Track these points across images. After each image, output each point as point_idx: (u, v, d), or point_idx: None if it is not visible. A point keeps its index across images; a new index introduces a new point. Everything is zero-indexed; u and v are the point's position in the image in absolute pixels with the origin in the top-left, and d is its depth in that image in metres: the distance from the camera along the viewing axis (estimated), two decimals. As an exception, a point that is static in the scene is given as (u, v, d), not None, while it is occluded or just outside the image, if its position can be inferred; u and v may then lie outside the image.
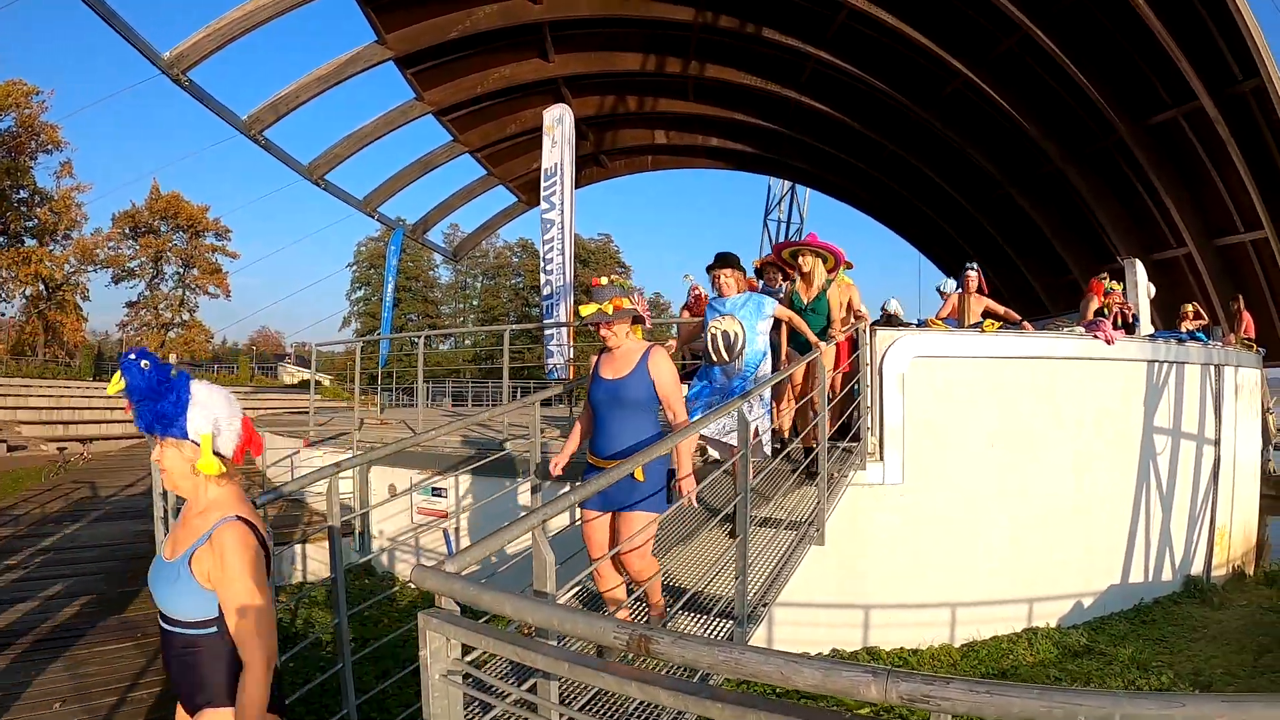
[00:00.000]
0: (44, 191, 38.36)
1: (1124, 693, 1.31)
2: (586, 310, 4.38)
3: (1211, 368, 11.30)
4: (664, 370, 4.41)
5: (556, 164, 12.95)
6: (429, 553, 10.25)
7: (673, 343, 8.76)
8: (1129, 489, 10.01)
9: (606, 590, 4.50)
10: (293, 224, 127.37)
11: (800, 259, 7.32)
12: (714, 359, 6.05)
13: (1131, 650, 8.09)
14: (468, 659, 2.37)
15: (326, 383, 34.63)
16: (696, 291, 10.94)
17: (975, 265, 10.49)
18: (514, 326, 11.71)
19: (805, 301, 7.25)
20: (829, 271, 7.39)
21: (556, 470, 4.94)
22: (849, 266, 7.91)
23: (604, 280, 4.51)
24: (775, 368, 6.40)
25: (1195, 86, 14.26)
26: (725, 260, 6.16)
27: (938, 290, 11.22)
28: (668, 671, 3.37)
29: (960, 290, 10.43)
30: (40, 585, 7.81)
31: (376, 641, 5.29)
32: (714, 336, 6.01)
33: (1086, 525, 9.53)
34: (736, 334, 5.94)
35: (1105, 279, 11.66)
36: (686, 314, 10.82)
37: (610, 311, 4.36)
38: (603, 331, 4.44)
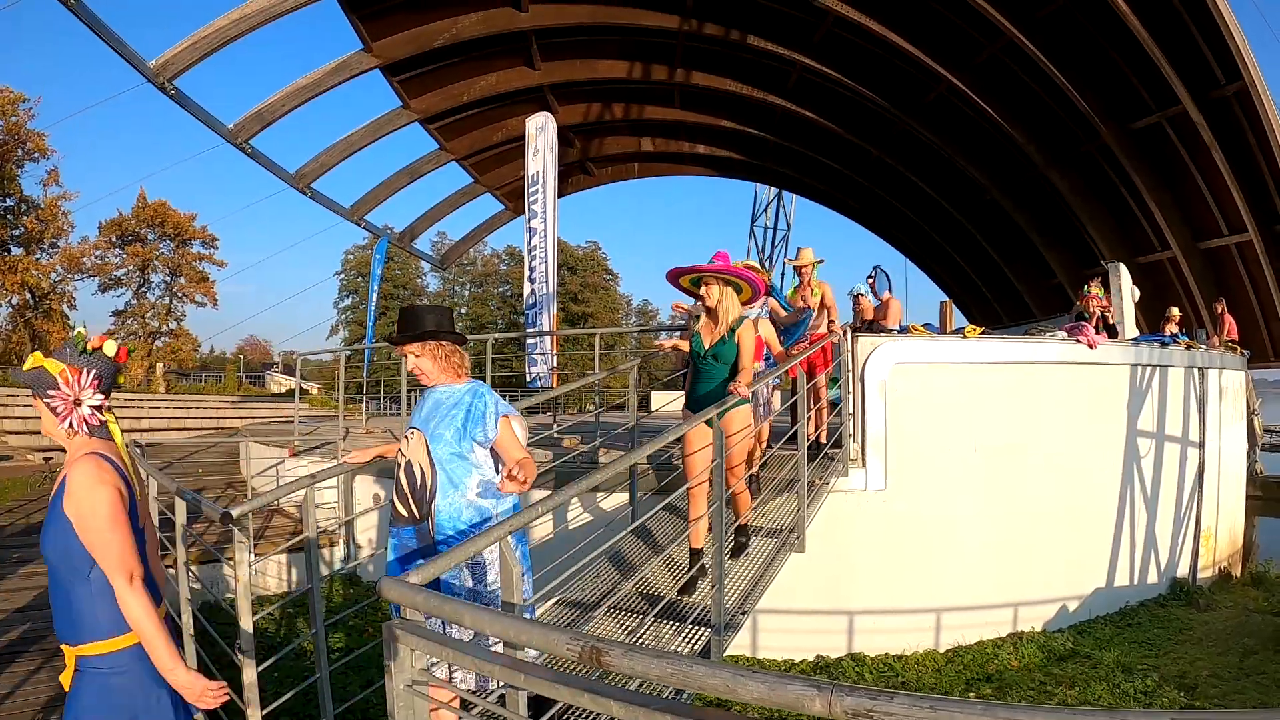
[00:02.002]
0: (30, 199, 38.17)
1: (1072, 708, 1.31)
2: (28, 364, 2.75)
3: (1195, 371, 11.34)
4: (85, 505, 2.54)
5: (539, 172, 12.98)
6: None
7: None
8: (1113, 493, 10.03)
9: None
10: (280, 232, 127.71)
11: (704, 289, 5.39)
12: (398, 510, 3.57)
13: (1117, 653, 8.10)
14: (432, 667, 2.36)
15: (314, 391, 34.58)
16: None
17: (875, 270, 10.36)
18: (498, 335, 11.63)
19: (705, 346, 5.34)
20: (746, 303, 5.58)
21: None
22: (766, 294, 7.24)
23: (81, 328, 2.82)
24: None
25: (1178, 90, 14.37)
26: (411, 325, 3.66)
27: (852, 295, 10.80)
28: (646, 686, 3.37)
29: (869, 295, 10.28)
30: (25, 596, 7.76)
31: (359, 650, 5.25)
32: (401, 466, 3.58)
33: (1071, 529, 9.55)
34: (423, 471, 3.49)
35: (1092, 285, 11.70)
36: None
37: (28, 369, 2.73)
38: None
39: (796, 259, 8.38)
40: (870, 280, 10.20)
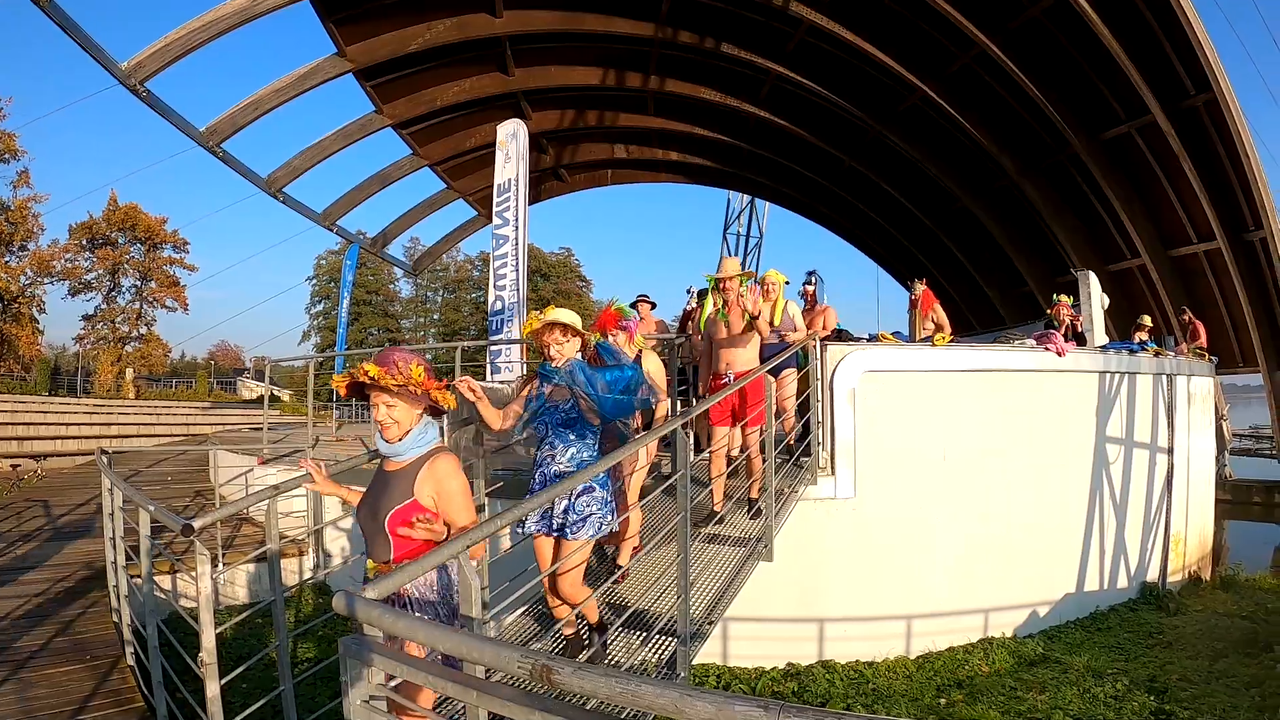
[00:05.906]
0: (0, 201, 37.73)
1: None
2: None
3: (1164, 377, 11.44)
4: None
5: (510, 179, 12.85)
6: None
7: None
8: (1083, 499, 10.09)
9: None
10: (253, 237, 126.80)
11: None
12: None
13: (1087, 658, 8.14)
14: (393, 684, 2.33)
15: (285, 398, 34.25)
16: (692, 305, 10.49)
17: (814, 277, 10.11)
18: (466, 343, 11.47)
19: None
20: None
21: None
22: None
23: None
24: None
25: (1148, 100, 14.54)
26: None
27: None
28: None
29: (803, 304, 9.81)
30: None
31: (326, 661, 5.20)
32: None
33: (1041, 535, 9.59)
34: None
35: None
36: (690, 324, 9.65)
37: None
38: None
39: (719, 270, 6.84)
40: (811, 289, 9.93)
